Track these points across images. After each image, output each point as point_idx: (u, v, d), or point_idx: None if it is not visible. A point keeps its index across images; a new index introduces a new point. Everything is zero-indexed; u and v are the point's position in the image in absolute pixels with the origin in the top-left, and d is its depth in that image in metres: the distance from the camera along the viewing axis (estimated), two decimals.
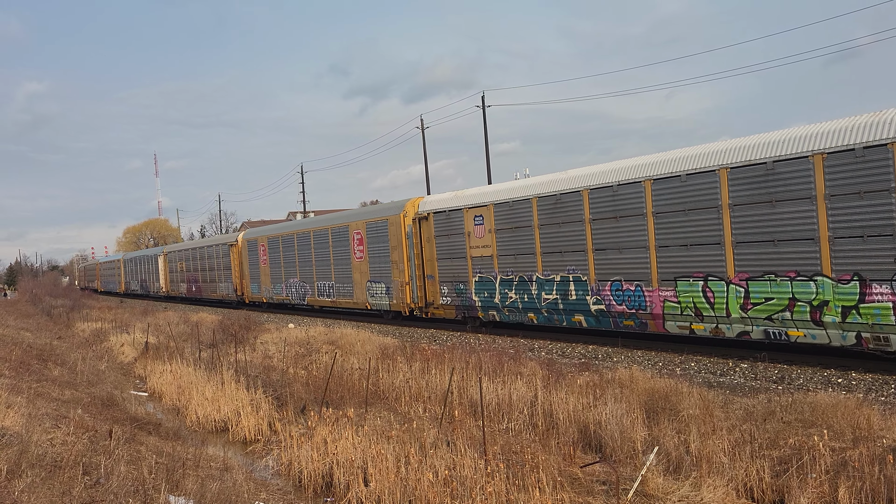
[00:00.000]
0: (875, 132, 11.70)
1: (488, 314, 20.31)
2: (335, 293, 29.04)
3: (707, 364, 14.11)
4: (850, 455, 7.56)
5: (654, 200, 15.29)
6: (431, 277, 22.48)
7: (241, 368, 16.18)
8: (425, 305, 22.87)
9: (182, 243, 56.66)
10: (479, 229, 20.12)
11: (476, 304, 20.57)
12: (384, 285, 25.25)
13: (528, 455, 8.35)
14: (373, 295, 26.14)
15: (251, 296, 37.77)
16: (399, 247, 24.12)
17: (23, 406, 11.00)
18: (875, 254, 11.77)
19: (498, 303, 19.71)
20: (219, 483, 8.44)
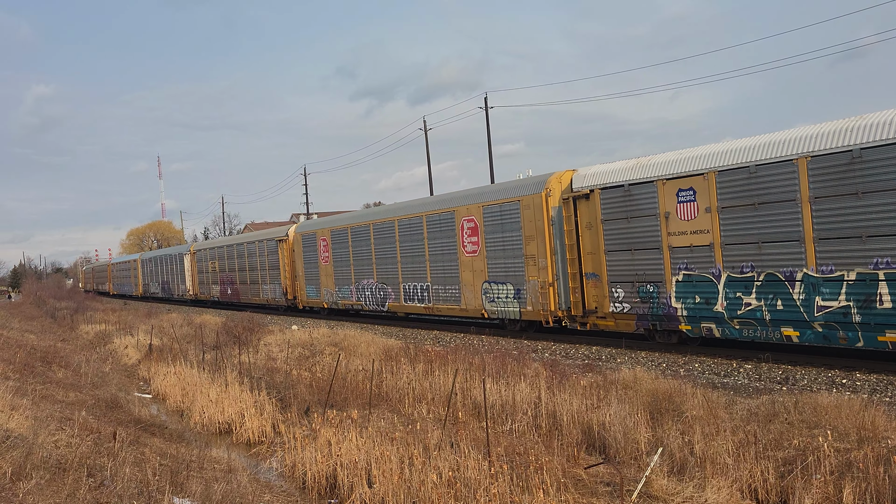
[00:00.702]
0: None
1: (700, 327, 14.85)
2: (432, 297, 23.14)
3: (711, 365, 14.09)
4: (854, 456, 7.54)
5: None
6: (594, 276, 17.11)
7: (244, 370, 16.19)
8: (583, 314, 17.54)
9: (215, 239, 48.91)
10: (687, 208, 14.76)
11: (678, 314, 15.18)
12: (512, 287, 19.79)
13: (531, 456, 8.34)
14: (493, 300, 20.50)
15: (306, 300, 32.27)
16: (538, 236, 18.64)
17: (28, 408, 11.03)
18: None
19: (721, 311, 14.30)
20: (223, 485, 8.45)
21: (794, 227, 12.99)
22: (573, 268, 17.69)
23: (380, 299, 26.28)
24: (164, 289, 55.20)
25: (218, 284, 43.56)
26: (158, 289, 57.04)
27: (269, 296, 36.30)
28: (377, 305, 26.50)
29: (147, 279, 61.29)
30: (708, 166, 14.39)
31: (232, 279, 41.49)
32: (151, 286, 59.56)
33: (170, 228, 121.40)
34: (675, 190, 14.93)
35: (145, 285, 61.93)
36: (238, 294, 40.53)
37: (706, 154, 14.55)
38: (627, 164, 16.27)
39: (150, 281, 60.16)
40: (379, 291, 26.23)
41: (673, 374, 12.82)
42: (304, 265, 32.17)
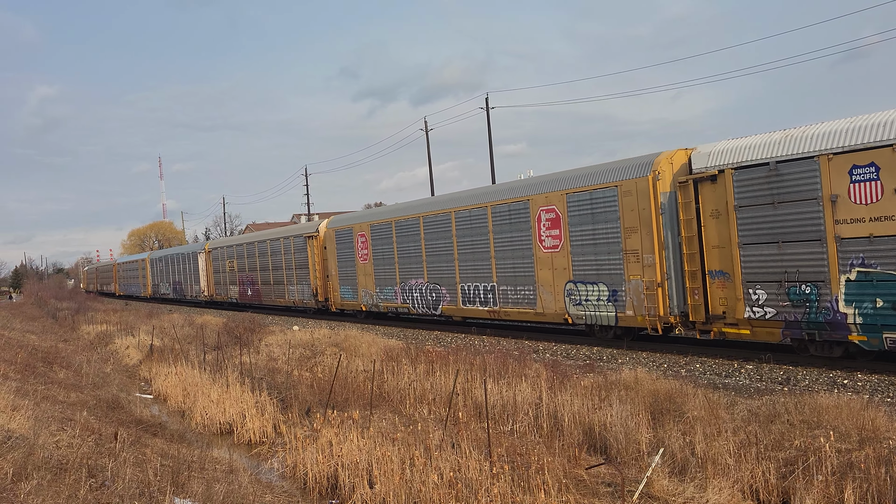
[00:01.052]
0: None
1: (881, 338, 12.07)
2: (499, 299, 20.06)
3: (712, 365, 14.08)
4: (856, 457, 7.54)
5: None
6: (722, 275, 14.38)
7: (245, 371, 16.19)
8: (706, 320, 14.89)
9: (234, 237, 44.65)
10: (866, 189, 12.01)
11: (847, 321, 12.41)
12: (606, 288, 16.94)
13: (533, 457, 8.34)
14: (579, 302, 17.60)
15: (341, 302, 29.22)
16: (643, 227, 15.90)
17: (29, 408, 11.04)
18: None
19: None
20: (224, 485, 8.45)
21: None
22: (692, 265, 14.96)
23: (431, 301, 23.20)
24: (176, 289, 51.82)
25: (237, 285, 40.36)
26: (169, 289, 53.63)
27: (297, 297, 33.22)
28: (428, 308, 23.41)
29: (157, 279, 57.66)
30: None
31: (253, 279, 38.20)
32: (161, 286, 56.09)
33: (171, 229, 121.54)
34: (848, 167, 12.18)
35: (155, 286, 58.41)
36: (260, 295, 37.40)
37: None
38: (772, 138, 13.58)
39: (159, 281, 56.66)
40: (430, 293, 23.17)
41: (674, 375, 12.82)
42: (339, 264, 29.24)
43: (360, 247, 27.64)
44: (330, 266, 30.19)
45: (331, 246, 29.99)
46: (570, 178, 18.09)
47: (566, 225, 17.97)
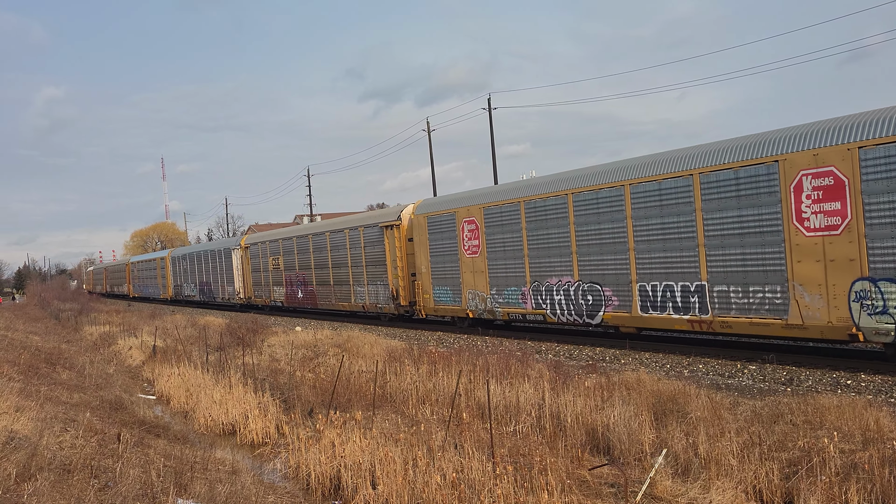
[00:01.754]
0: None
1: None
2: (714, 304, 14.50)
3: (715, 366, 14.06)
4: (859, 457, 7.52)
5: None
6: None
7: (248, 371, 16.21)
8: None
9: (280, 230, 37.52)
10: None
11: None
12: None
13: (536, 457, 8.34)
14: (882, 310, 11.81)
15: (434, 306, 23.41)
16: None
17: (32, 409, 11.06)
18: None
19: None
20: (227, 486, 8.45)
21: None
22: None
23: (586, 306, 17.64)
24: (204, 291, 46.24)
25: (282, 286, 34.62)
26: (195, 290, 48.03)
27: (368, 300, 27.21)
28: (579, 316, 17.88)
29: (179, 279, 51.61)
30: None
31: (305, 279, 32.48)
32: (185, 288, 50.23)
33: (173, 230, 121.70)
34: None
35: (177, 287, 52.34)
36: (314, 298, 31.75)
37: None
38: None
39: (183, 281, 50.76)
40: (584, 295, 17.64)
41: (677, 375, 12.80)
42: (432, 258, 23.28)
43: (468, 237, 21.63)
44: (420, 262, 23.78)
45: (420, 237, 23.87)
46: (863, 122, 12.24)
47: (855, 195, 12.19)
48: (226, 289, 42.30)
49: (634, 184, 16.12)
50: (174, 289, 53.10)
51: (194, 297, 48.72)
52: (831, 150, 12.53)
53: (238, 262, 40.31)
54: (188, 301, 50.50)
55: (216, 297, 44.10)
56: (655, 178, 15.65)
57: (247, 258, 39.28)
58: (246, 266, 39.42)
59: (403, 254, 25.00)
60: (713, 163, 14.44)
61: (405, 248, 24.94)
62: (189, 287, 49.64)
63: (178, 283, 52.07)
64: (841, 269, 12.50)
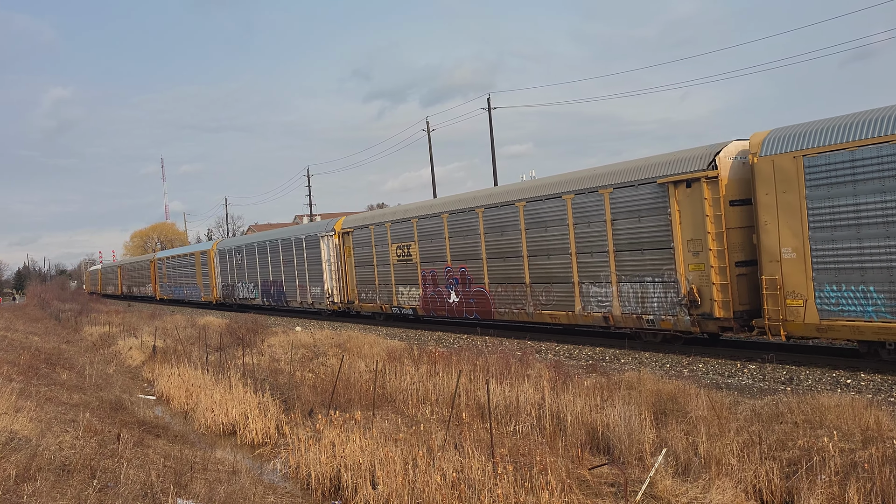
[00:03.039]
0: None
1: None
2: None
3: (715, 365, 14.06)
4: (859, 456, 7.52)
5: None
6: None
7: (248, 372, 16.21)
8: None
9: (406, 205, 27.34)
10: None
11: None
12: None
13: (536, 457, 8.34)
14: None
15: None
16: None
17: (32, 410, 11.06)
18: None
19: None
20: (227, 486, 8.45)
21: None
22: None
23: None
24: (270, 293, 35.78)
25: (419, 286, 24.03)
26: (255, 292, 37.65)
27: (621, 308, 16.62)
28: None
29: (231, 278, 41.19)
30: None
31: (463, 275, 21.95)
32: (240, 289, 39.74)
33: (173, 230, 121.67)
34: None
35: (226, 287, 41.95)
36: (488, 302, 20.86)
37: None
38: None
39: (238, 280, 40.19)
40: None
41: (677, 375, 12.80)
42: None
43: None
44: (771, 236, 13.34)
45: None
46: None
47: None
48: (308, 290, 31.56)
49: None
50: (222, 290, 42.61)
51: (253, 301, 38.03)
52: None
53: (330, 254, 29.67)
54: (243, 305, 40.25)
55: (289, 300, 33.77)
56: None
57: (345, 248, 28.64)
58: (345, 260, 28.67)
59: (716, 227, 14.32)
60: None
61: (722, 217, 14.29)
62: (245, 288, 39.13)
63: (229, 283, 41.52)
64: None
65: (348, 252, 28.55)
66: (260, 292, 37.20)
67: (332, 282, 29.78)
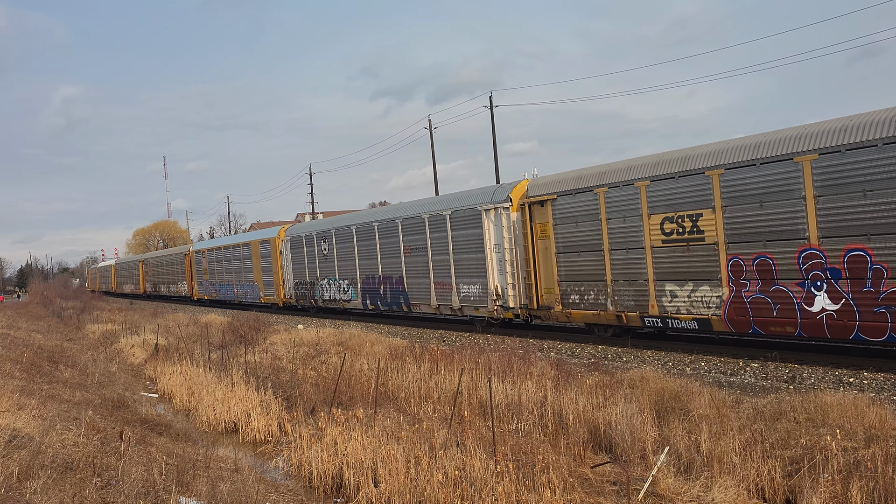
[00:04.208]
0: None
1: None
2: None
3: (717, 363, 14.05)
4: (862, 455, 7.51)
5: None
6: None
7: (250, 370, 16.22)
8: None
9: (642, 157, 16.48)
10: None
11: None
12: None
13: (538, 455, 8.33)
14: None
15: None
16: None
17: (35, 408, 11.07)
18: None
19: None
20: (229, 484, 8.46)
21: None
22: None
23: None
24: (381, 293, 25.99)
25: (719, 282, 14.40)
26: (353, 291, 27.76)
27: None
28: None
29: (311, 273, 31.17)
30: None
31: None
32: (325, 287, 29.97)
33: (175, 228, 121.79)
34: None
35: (302, 286, 32.15)
36: None
37: None
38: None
39: (321, 276, 30.31)
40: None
41: (679, 373, 12.79)
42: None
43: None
44: None
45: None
46: None
47: None
48: (455, 289, 21.91)
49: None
50: (295, 289, 32.92)
51: (348, 303, 28.34)
52: None
53: (500, 235, 20.17)
54: (329, 309, 31.41)
55: (414, 303, 24.17)
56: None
57: (535, 226, 19.03)
58: (533, 242, 19.06)
59: None
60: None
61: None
62: (333, 286, 29.26)
63: (307, 280, 31.70)
64: None
65: (542, 231, 18.76)
66: (359, 292, 27.40)
67: (505, 277, 19.84)
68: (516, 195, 19.96)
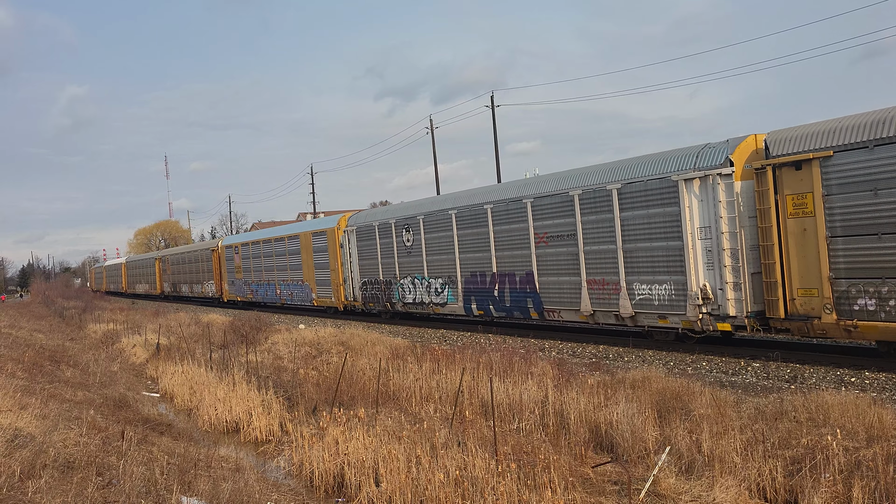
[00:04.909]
0: None
1: None
2: None
3: (719, 363, 14.04)
4: (863, 455, 7.51)
5: None
6: None
7: (252, 369, 16.23)
8: None
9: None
10: None
11: None
12: None
13: (539, 455, 8.34)
14: None
15: None
16: None
17: (36, 407, 11.09)
18: None
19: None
20: (231, 483, 8.47)
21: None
22: None
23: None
24: (495, 295, 20.24)
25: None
26: (449, 292, 22.29)
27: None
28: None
29: (385, 270, 25.59)
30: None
31: None
32: (409, 287, 24.27)
33: (177, 228, 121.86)
34: None
35: (375, 286, 26.32)
36: None
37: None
38: None
39: (401, 274, 24.63)
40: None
41: (680, 373, 12.78)
42: None
43: None
44: None
45: None
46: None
47: None
48: (632, 290, 16.27)
49: None
50: (363, 289, 27.00)
51: (440, 308, 22.86)
52: None
53: (714, 214, 14.56)
54: (413, 315, 25.83)
55: (550, 308, 18.52)
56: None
57: (788, 200, 13.12)
58: (779, 223, 13.29)
59: None
60: None
61: None
62: (418, 287, 23.83)
63: (379, 279, 25.91)
64: None
65: (798, 206, 13.02)
66: (459, 293, 21.68)
67: (718, 272, 14.44)
68: (741, 156, 14.32)
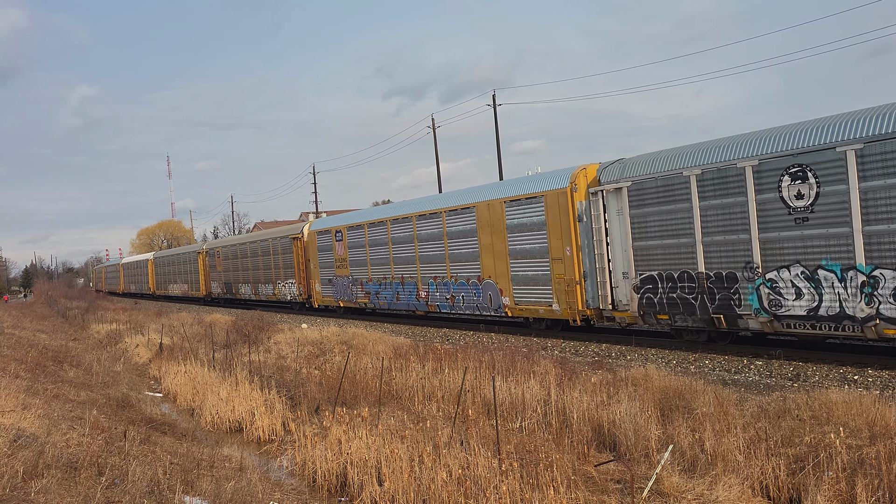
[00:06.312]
0: None
1: None
2: None
3: (722, 361, 14.02)
4: (867, 452, 7.49)
5: None
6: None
7: (254, 369, 16.23)
8: None
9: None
10: None
11: None
12: None
13: (542, 454, 8.33)
14: None
15: None
16: None
17: (39, 407, 11.10)
18: None
19: None
20: (234, 483, 8.47)
21: None
22: None
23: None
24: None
25: None
26: None
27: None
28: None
29: (732, 259, 13.84)
30: None
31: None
32: (788, 286, 12.92)
33: (179, 228, 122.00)
34: None
35: (684, 288, 14.79)
36: None
37: None
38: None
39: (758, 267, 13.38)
40: None
41: (683, 371, 12.77)
42: None
43: None
44: None
45: None
46: None
47: None
48: None
49: None
50: (646, 293, 15.84)
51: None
52: None
53: None
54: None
55: None
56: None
57: None
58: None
59: None
60: None
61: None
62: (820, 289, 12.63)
63: (694, 274, 14.76)
64: None
65: None
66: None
67: None
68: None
